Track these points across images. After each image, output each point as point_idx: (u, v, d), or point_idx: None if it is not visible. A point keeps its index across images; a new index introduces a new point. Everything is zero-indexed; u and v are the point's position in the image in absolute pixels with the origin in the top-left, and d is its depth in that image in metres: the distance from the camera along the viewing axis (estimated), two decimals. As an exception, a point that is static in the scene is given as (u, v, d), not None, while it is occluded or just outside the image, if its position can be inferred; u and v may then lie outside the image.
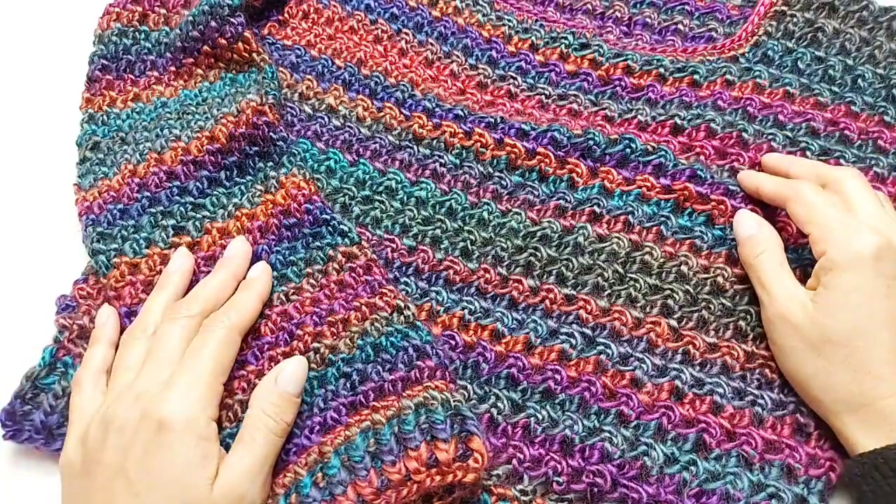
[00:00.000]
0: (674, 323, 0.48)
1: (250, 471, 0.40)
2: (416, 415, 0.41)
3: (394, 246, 0.52)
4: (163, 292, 0.47)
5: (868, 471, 0.41)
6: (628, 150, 0.53)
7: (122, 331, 0.47)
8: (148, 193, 0.52)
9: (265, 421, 0.41)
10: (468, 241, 0.52)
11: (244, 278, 0.48)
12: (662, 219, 0.51)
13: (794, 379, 0.45)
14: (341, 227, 0.50)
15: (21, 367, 0.49)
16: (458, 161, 0.55)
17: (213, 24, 0.57)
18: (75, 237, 0.53)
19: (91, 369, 0.45)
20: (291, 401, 0.43)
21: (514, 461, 0.45)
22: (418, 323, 0.45)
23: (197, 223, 0.51)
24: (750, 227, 0.48)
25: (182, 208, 0.52)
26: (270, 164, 0.53)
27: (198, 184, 0.52)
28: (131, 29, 0.60)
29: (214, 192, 0.52)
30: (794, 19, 0.58)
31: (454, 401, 0.42)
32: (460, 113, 0.56)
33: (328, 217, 0.50)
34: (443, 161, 0.55)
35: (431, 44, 0.60)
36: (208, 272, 0.49)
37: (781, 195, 0.48)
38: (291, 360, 0.44)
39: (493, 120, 0.55)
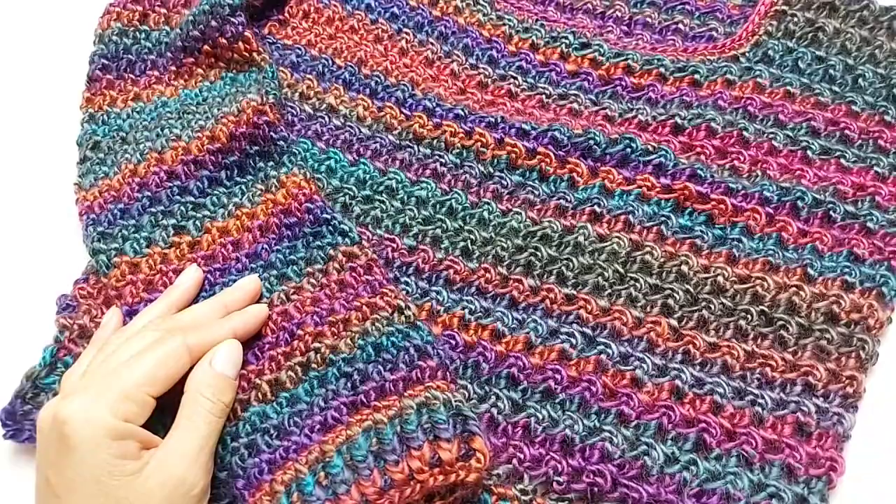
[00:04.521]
0: (674, 322, 0.48)
1: (189, 453, 0.40)
2: (418, 414, 0.41)
3: (394, 245, 0.52)
4: (159, 304, 0.47)
5: None
6: (629, 150, 0.53)
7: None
8: (148, 193, 0.52)
9: (202, 402, 0.41)
10: (468, 241, 0.52)
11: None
12: (663, 218, 0.51)
13: None
14: (342, 226, 0.50)
15: (21, 366, 0.49)
16: (458, 161, 0.55)
17: (213, 23, 0.57)
18: (75, 237, 0.53)
19: (75, 371, 0.45)
20: (229, 382, 0.43)
21: (515, 461, 0.45)
22: (419, 323, 0.45)
23: (197, 222, 0.51)
24: None
25: (182, 208, 0.52)
26: (271, 163, 0.53)
27: (198, 183, 0.52)
28: (132, 28, 0.60)
29: (215, 192, 0.52)
30: (795, 19, 0.58)
31: (455, 401, 0.42)
32: (461, 112, 0.56)
33: (329, 216, 0.50)
34: (443, 161, 0.55)
35: (432, 43, 0.60)
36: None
37: None
38: (225, 343, 0.44)
39: (493, 119, 0.55)
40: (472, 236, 0.52)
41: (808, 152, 0.53)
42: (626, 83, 0.57)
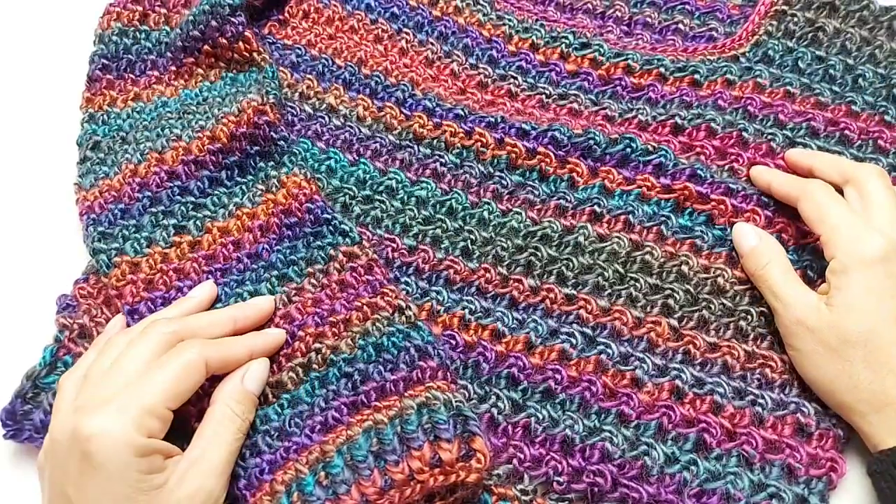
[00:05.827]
0: (674, 323, 0.49)
1: (217, 466, 0.40)
2: (418, 415, 0.41)
3: (394, 245, 0.52)
4: (171, 312, 0.46)
5: (886, 468, 0.41)
6: (629, 150, 0.53)
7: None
8: (149, 193, 0.52)
9: (232, 417, 0.41)
10: (469, 241, 0.52)
11: (249, 329, 0.46)
12: (663, 218, 0.51)
13: (818, 384, 0.45)
14: (342, 226, 0.50)
15: (22, 366, 0.49)
16: (458, 161, 0.55)
17: (213, 23, 0.57)
18: (76, 237, 0.53)
19: (75, 373, 0.44)
20: (253, 400, 0.43)
21: (515, 461, 0.45)
22: (420, 323, 0.45)
23: (198, 222, 0.51)
24: (750, 238, 0.49)
25: (183, 208, 0.52)
26: (271, 163, 0.53)
27: (199, 183, 0.52)
28: (132, 28, 0.60)
29: (215, 192, 0.52)
30: (795, 19, 0.58)
31: (455, 401, 0.42)
32: (461, 112, 0.56)
33: (329, 216, 0.50)
34: (443, 161, 0.55)
35: (432, 43, 0.60)
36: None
37: (792, 194, 0.49)
38: (256, 361, 0.44)
39: (493, 119, 0.55)
40: (472, 236, 0.52)
41: (808, 153, 0.53)
42: (626, 83, 0.57)
